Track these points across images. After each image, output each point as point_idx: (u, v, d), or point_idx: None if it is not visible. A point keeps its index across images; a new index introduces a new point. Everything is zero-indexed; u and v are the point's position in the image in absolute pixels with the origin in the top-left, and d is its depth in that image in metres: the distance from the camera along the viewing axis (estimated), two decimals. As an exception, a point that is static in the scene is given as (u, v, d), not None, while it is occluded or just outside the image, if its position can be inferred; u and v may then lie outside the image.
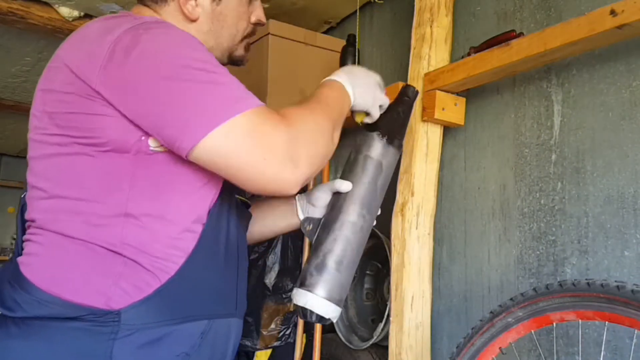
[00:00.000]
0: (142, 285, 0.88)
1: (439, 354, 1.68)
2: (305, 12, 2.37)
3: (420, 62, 1.69)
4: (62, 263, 0.88)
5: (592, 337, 1.30)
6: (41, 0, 2.30)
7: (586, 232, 1.36)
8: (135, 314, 0.87)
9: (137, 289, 0.88)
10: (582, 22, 1.23)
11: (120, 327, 0.86)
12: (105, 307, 0.86)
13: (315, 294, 0.98)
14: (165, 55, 0.86)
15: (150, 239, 0.90)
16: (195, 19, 1.03)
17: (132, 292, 0.88)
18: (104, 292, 0.87)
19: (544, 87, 1.51)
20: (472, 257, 1.65)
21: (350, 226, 1.04)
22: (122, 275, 0.88)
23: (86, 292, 0.86)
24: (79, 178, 0.89)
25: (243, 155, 0.83)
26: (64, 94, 0.88)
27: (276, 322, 2.02)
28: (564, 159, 1.43)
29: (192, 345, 0.92)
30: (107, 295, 0.86)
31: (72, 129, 0.88)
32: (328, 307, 0.99)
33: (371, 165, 1.07)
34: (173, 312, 0.90)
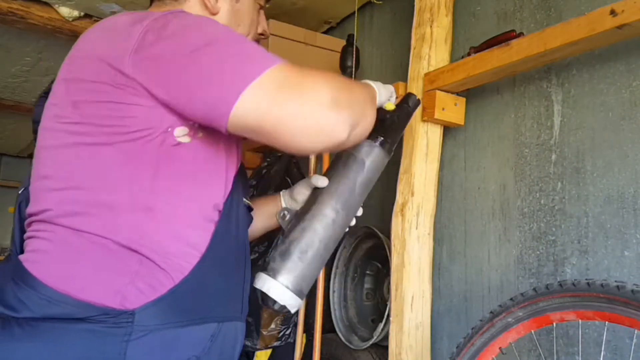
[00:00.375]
0: (157, 285, 0.86)
1: (439, 354, 1.68)
2: (305, 12, 2.37)
3: (420, 62, 1.69)
4: (75, 260, 0.85)
5: (592, 337, 1.30)
6: (41, 0, 2.30)
7: (586, 232, 1.36)
8: (149, 314, 0.84)
9: (152, 289, 0.86)
10: (582, 22, 1.23)
11: (134, 329, 0.83)
12: (120, 307, 0.83)
13: (275, 280, 0.97)
14: (193, 31, 0.86)
15: (169, 235, 0.89)
16: (216, 12, 1.06)
17: (147, 292, 0.85)
18: (120, 290, 0.84)
19: (544, 87, 1.51)
20: (472, 257, 1.65)
21: (321, 218, 1.03)
22: (139, 274, 0.86)
23: (100, 290, 0.84)
24: (100, 168, 0.87)
25: (285, 105, 0.81)
26: (94, 82, 0.87)
27: (276, 322, 2.01)
28: (564, 159, 1.43)
29: (202, 348, 0.91)
30: (123, 294, 0.84)
31: (99, 117, 0.86)
32: (285, 294, 0.97)
33: (353, 163, 1.07)
34: (185, 313, 0.88)
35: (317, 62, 2.28)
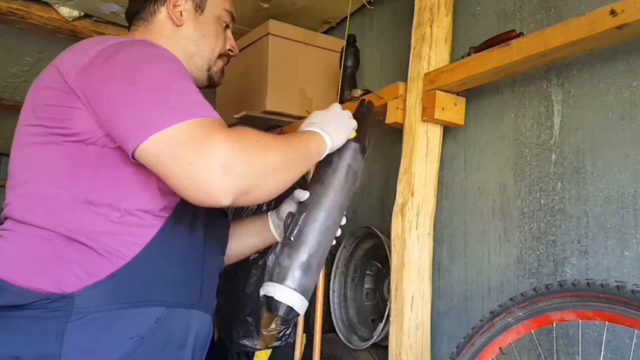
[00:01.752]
0: (95, 271, 0.93)
1: (439, 354, 1.68)
2: (305, 12, 2.37)
3: (420, 62, 1.69)
4: (20, 251, 0.95)
5: (592, 337, 1.30)
6: (41, 0, 2.30)
7: (586, 232, 1.36)
8: (87, 297, 0.91)
9: (89, 274, 0.93)
10: (582, 22, 1.23)
11: (73, 311, 0.90)
12: (58, 292, 0.91)
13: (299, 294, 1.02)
14: (136, 64, 0.95)
15: (107, 226, 0.95)
16: (181, 25, 1.18)
17: (84, 277, 0.92)
18: (57, 277, 0.92)
19: (544, 87, 1.51)
20: (472, 257, 1.65)
21: (332, 230, 1.11)
22: (75, 262, 0.93)
23: (40, 278, 0.92)
24: (48, 165, 0.97)
25: (175, 160, 0.86)
26: (47, 88, 0.98)
27: (276, 322, 2.01)
28: (564, 159, 1.43)
29: (147, 330, 0.96)
30: (60, 280, 0.91)
31: (48, 119, 0.96)
32: (304, 306, 1.04)
33: (352, 176, 1.14)
34: (126, 296, 0.94)
35: (317, 62, 2.29)
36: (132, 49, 0.98)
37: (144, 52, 0.99)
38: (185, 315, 1.03)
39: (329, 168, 1.12)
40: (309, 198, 1.10)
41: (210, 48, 1.22)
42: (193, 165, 0.84)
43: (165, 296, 1.00)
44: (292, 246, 1.05)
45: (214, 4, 1.23)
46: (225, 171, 0.85)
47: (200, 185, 0.85)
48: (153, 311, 0.97)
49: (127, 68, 0.94)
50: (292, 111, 2.22)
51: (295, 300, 1.01)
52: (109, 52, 0.96)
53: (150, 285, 0.98)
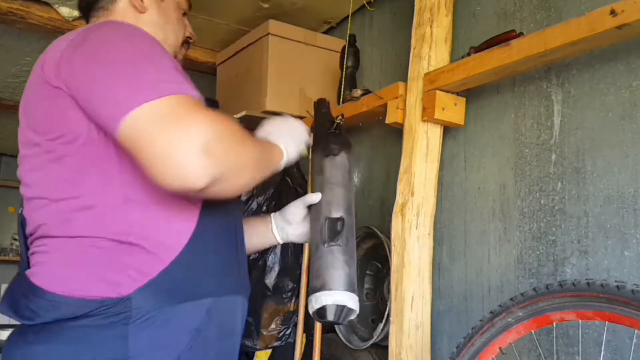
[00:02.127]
0: (146, 269, 0.92)
1: (439, 354, 1.68)
2: (305, 12, 2.37)
3: (420, 62, 1.69)
4: (68, 263, 0.93)
5: (592, 337, 1.30)
6: (41, 0, 2.30)
7: (586, 232, 1.36)
8: (143, 297, 0.91)
9: (142, 274, 0.92)
10: (582, 22, 1.23)
11: (132, 312, 0.90)
12: (116, 295, 0.90)
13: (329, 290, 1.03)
14: (107, 44, 0.92)
15: (153, 222, 0.94)
16: (143, 12, 1.14)
17: (138, 277, 0.92)
18: (112, 281, 0.91)
19: (544, 87, 1.51)
20: (472, 257, 1.65)
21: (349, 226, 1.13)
22: (127, 263, 0.92)
23: (94, 285, 0.90)
24: (72, 178, 0.93)
25: (152, 137, 0.81)
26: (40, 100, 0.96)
27: (276, 322, 2.01)
28: (564, 159, 1.43)
29: (201, 321, 0.97)
30: (116, 283, 0.91)
31: (52, 133, 0.93)
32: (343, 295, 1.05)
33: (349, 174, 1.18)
34: (178, 292, 0.94)
35: (317, 62, 2.29)
36: (103, 30, 0.96)
37: (117, 30, 0.97)
38: (231, 303, 1.04)
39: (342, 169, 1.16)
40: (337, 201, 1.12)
41: (175, 35, 1.20)
42: (172, 141, 0.80)
43: (212, 287, 1.00)
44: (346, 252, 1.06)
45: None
46: (205, 152, 0.80)
47: (176, 164, 0.79)
48: (203, 303, 0.98)
49: (100, 48, 0.91)
50: (292, 111, 2.22)
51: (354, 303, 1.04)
52: (77, 41, 0.94)
53: (198, 278, 0.98)
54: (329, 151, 1.16)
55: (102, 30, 0.96)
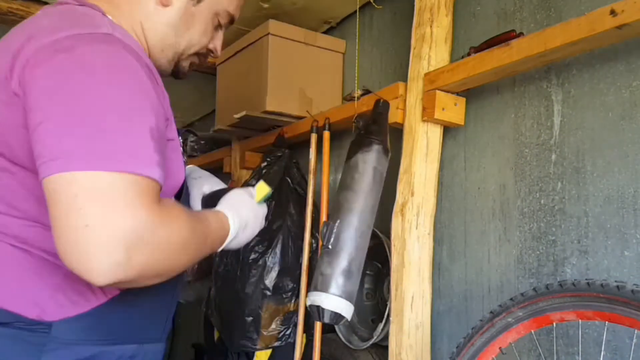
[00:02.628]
0: (80, 301, 0.84)
1: (439, 354, 1.68)
2: (305, 12, 2.37)
3: (420, 62, 1.69)
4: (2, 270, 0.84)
5: (592, 337, 1.30)
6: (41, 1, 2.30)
7: (586, 232, 1.36)
8: (67, 329, 0.83)
9: (73, 304, 0.84)
10: (582, 22, 1.23)
11: (50, 339, 0.82)
12: (37, 318, 0.82)
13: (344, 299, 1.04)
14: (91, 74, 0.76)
15: None
16: (167, 5, 0.97)
17: (68, 306, 0.84)
18: (39, 302, 0.83)
19: (544, 87, 1.51)
20: (472, 257, 1.65)
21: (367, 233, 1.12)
22: (60, 287, 0.84)
23: (20, 300, 0.83)
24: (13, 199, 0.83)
25: (73, 211, 0.69)
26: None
27: (276, 322, 2.01)
28: (564, 159, 1.43)
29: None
30: (41, 307, 0.83)
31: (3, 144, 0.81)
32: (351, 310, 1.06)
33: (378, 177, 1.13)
34: (106, 333, 0.87)
35: (317, 62, 2.29)
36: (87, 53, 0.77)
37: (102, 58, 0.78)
38: (154, 350, 0.97)
39: (356, 173, 1.14)
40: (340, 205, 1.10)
41: (188, 43, 1.03)
42: (89, 228, 0.68)
43: (139, 333, 0.93)
44: (331, 254, 1.06)
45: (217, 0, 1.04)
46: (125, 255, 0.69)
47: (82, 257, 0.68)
48: (128, 349, 0.91)
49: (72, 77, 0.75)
50: (292, 111, 2.22)
51: (342, 306, 1.03)
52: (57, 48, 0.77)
53: (128, 323, 0.91)
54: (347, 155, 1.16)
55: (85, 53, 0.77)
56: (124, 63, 0.79)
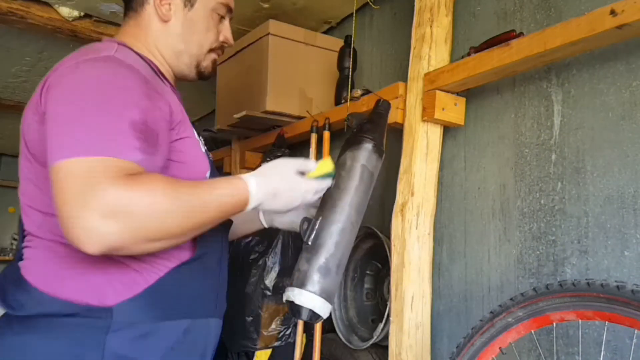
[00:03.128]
0: (132, 284, 0.96)
1: (439, 354, 1.68)
2: (305, 12, 2.37)
3: (420, 62, 1.69)
4: (58, 264, 0.96)
5: (592, 337, 1.30)
6: (41, 0, 2.30)
7: (586, 232, 1.36)
8: (126, 310, 0.94)
9: (127, 288, 0.96)
10: (582, 22, 1.23)
11: (112, 322, 0.93)
12: (99, 304, 0.93)
13: (319, 297, 1.02)
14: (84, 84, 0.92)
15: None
16: (167, 20, 1.13)
17: (123, 291, 0.95)
18: (98, 290, 0.94)
19: (544, 87, 1.51)
20: (472, 257, 1.65)
21: (349, 231, 1.11)
22: (114, 275, 0.95)
23: (82, 290, 0.94)
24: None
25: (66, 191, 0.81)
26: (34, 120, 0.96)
27: (276, 322, 2.01)
28: (564, 159, 1.43)
29: (176, 340, 1.00)
30: (101, 293, 0.94)
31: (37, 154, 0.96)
32: (327, 309, 1.05)
33: (367, 176, 1.14)
34: (159, 310, 0.98)
35: (316, 62, 2.29)
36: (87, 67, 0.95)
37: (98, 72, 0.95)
38: (206, 325, 1.08)
39: (343, 170, 1.13)
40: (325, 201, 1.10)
41: (198, 45, 1.16)
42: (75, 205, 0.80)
43: (190, 309, 1.03)
44: (309, 250, 1.06)
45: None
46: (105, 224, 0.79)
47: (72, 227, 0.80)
48: (181, 324, 1.01)
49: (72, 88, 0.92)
50: (292, 111, 2.22)
51: (317, 303, 1.02)
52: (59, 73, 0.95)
53: (178, 299, 1.01)
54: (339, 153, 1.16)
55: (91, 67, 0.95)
56: (112, 73, 0.95)
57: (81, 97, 0.90)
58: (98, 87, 0.92)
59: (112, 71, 0.95)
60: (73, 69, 0.94)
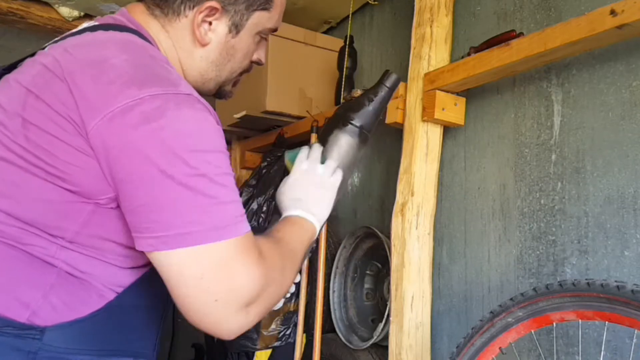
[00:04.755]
0: (77, 305, 0.80)
1: (439, 354, 1.68)
2: (305, 12, 2.37)
3: (420, 62, 1.69)
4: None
5: (592, 337, 1.30)
6: (41, 0, 2.30)
7: (586, 232, 1.36)
8: (61, 335, 0.78)
9: (69, 308, 0.79)
10: (582, 22, 1.23)
11: (42, 346, 0.77)
12: (27, 322, 0.76)
13: None
14: (180, 149, 0.74)
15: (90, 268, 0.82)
16: (205, 44, 0.94)
17: (62, 311, 0.79)
18: (29, 304, 0.77)
19: (544, 87, 1.51)
20: (472, 257, 1.65)
21: None
22: (54, 288, 0.79)
23: (8, 302, 0.77)
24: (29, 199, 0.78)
25: (199, 288, 0.73)
26: (54, 112, 0.76)
27: (276, 322, 2.01)
28: (564, 159, 1.43)
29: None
30: (32, 309, 0.77)
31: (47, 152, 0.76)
32: None
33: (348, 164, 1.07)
34: (102, 342, 0.83)
35: (316, 62, 2.29)
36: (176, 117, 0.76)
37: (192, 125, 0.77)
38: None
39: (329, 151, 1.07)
40: None
41: (230, 72, 1.00)
42: (218, 302, 0.74)
43: (134, 345, 0.89)
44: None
45: (256, 23, 0.97)
46: (246, 315, 0.77)
47: (214, 321, 0.75)
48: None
49: (170, 149, 0.74)
50: (292, 111, 2.22)
51: None
52: (148, 111, 0.74)
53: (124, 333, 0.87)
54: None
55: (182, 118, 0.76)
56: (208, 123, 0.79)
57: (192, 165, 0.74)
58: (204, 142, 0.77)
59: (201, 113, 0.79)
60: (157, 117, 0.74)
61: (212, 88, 1.01)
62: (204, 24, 0.92)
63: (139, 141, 0.73)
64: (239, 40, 0.96)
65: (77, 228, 0.79)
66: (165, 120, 0.74)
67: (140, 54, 0.82)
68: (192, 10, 0.91)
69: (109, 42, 0.83)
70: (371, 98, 1.08)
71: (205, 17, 0.91)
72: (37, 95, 0.77)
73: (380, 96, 1.09)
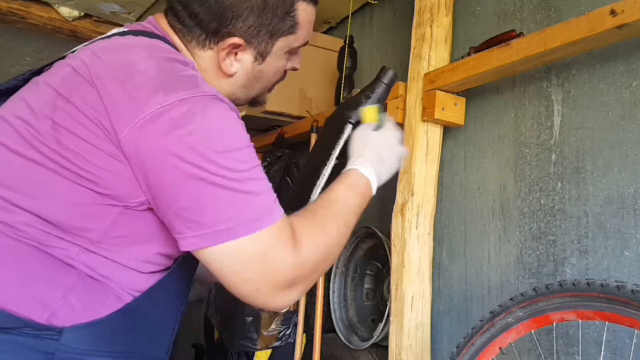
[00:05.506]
0: (95, 305, 0.81)
1: (439, 354, 1.68)
2: (305, 12, 2.37)
3: (420, 62, 1.69)
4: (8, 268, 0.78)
5: (592, 337, 1.30)
6: (41, 0, 2.30)
7: (586, 232, 1.36)
8: (78, 336, 0.79)
9: (87, 309, 0.80)
10: (582, 22, 1.23)
11: (59, 347, 0.77)
12: (45, 323, 0.77)
13: None
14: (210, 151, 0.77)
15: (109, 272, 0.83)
16: (231, 75, 0.95)
17: (80, 311, 0.80)
18: (48, 305, 0.78)
19: (544, 87, 1.51)
20: (472, 257, 1.65)
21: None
22: (74, 289, 0.79)
23: (28, 302, 0.77)
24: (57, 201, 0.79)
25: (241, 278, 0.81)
26: (85, 116, 0.77)
27: (276, 322, 2.01)
28: (564, 159, 1.43)
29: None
30: (51, 310, 0.78)
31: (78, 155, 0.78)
32: None
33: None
34: (118, 344, 0.84)
35: (317, 62, 2.29)
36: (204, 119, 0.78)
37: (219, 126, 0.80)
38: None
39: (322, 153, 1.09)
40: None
41: (260, 90, 1.03)
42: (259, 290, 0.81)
43: (146, 348, 0.90)
44: None
45: (283, 47, 0.98)
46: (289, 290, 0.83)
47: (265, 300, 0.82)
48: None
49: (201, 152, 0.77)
50: (292, 111, 2.22)
51: None
52: (177, 116, 0.77)
53: (137, 335, 0.88)
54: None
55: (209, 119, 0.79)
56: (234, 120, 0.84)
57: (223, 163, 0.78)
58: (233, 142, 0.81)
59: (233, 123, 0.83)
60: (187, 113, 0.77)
61: (242, 103, 1.04)
62: (229, 57, 0.94)
63: (170, 147, 0.76)
64: (266, 65, 0.98)
65: (104, 229, 0.81)
66: (194, 125, 0.77)
67: (166, 58, 0.84)
68: (216, 44, 0.92)
69: (136, 46, 0.85)
70: (368, 95, 1.10)
71: (229, 54, 0.93)
72: (67, 98, 0.79)
73: (377, 93, 1.10)
